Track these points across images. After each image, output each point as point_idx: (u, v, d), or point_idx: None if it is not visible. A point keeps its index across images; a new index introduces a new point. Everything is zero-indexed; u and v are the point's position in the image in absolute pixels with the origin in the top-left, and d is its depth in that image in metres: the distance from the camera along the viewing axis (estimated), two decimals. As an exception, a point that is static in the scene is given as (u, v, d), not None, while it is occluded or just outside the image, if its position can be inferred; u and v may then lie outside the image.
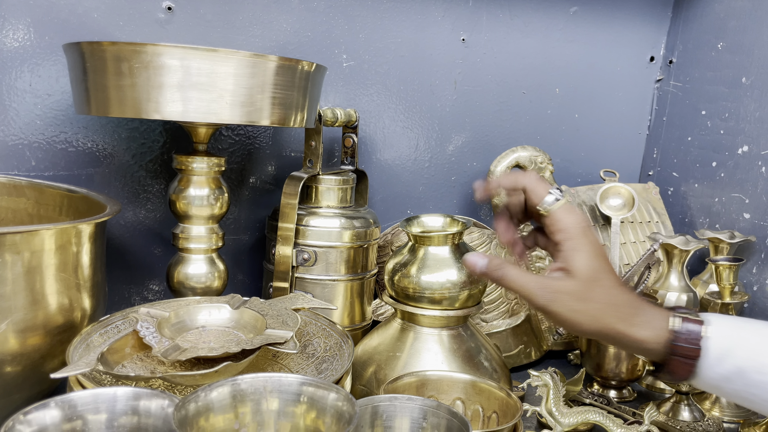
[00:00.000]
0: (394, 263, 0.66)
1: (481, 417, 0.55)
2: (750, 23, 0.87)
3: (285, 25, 0.78)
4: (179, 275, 0.65)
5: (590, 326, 0.49)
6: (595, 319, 0.49)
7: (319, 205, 0.73)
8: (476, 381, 0.55)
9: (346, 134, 0.79)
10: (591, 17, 0.95)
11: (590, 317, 0.49)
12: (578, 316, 0.49)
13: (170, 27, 0.73)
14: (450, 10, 0.87)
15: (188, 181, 0.64)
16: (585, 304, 0.49)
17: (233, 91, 0.56)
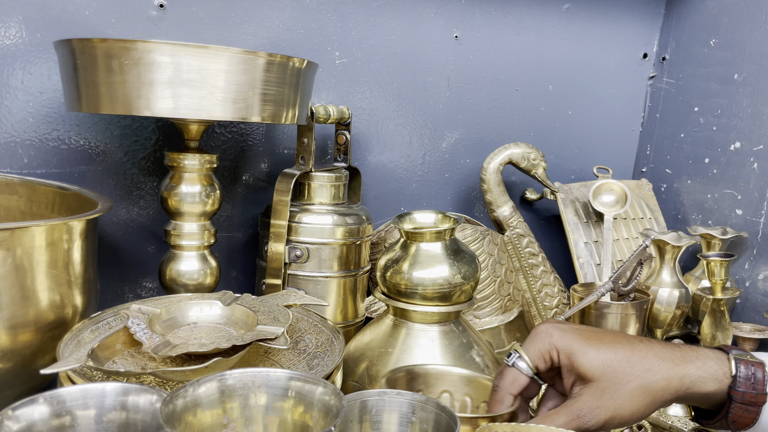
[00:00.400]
0: (386, 260, 0.66)
1: (469, 408, 0.55)
2: (742, 19, 0.87)
3: (277, 23, 0.78)
4: (171, 272, 0.65)
5: (647, 404, 0.46)
6: (646, 392, 0.46)
7: (311, 202, 0.73)
8: (467, 374, 0.55)
9: (339, 131, 0.79)
10: (584, 14, 0.95)
11: (639, 397, 0.46)
12: (628, 403, 0.46)
13: (162, 24, 0.73)
14: (443, 7, 0.87)
15: (180, 178, 0.64)
16: (623, 388, 0.46)
17: (224, 88, 0.56)
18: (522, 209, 0.99)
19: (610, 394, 0.46)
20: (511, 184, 0.97)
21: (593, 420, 0.45)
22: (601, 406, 0.46)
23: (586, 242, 0.90)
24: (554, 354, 0.49)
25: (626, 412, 0.46)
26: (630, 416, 0.46)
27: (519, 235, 0.88)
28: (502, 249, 0.87)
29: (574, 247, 0.90)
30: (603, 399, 0.46)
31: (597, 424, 0.45)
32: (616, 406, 0.45)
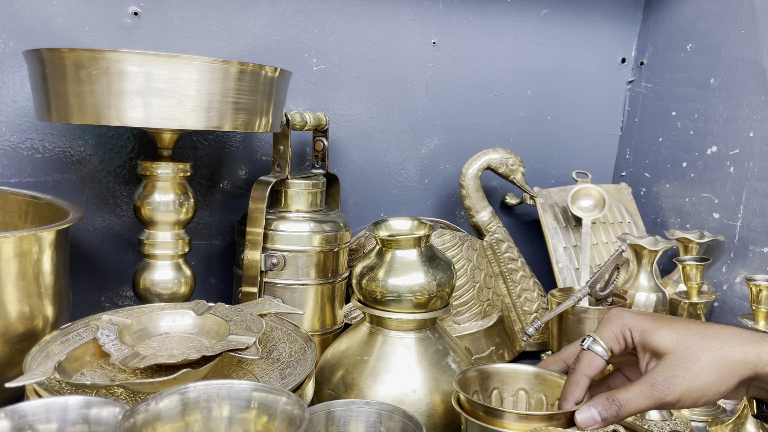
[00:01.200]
0: (361, 267, 0.66)
1: (544, 405, 0.56)
2: (718, 25, 0.88)
3: (254, 30, 0.78)
4: (145, 282, 0.65)
5: (724, 376, 0.45)
6: (722, 364, 0.45)
7: (288, 210, 0.73)
8: (539, 372, 0.57)
9: (317, 138, 0.79)
10: (561, 20, 0.95)
11: (716, 369, 0.45)
12: (704, 374, 0.45)
13: (137, 32, 0.73)
14: (420, 13, 0.87)
15: (153, 187, 0.64)
16: (699, 359, 0.45)
17: (195, 97, 0.56)
18: (501, 214, 0.99)
19: (685, 364, 0.45)
20: (491, 189, 0.97)
21: (668, 390, 0.45)
22: (676, 376, 0.45)
23: (565, 247, 0.91)
24: (627, 334, 0.49)
25: (703, 383, 0.45)
26: (707, 388, 0.45)
27: (498, 240, 0.88)
28: (482, 254, 0.87)
29: (553, 251, 0.90)
30: (678, 369, 0.45)
31: (673, 395, 0.45)
32: (692, 375, 0.45)
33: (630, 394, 0.46)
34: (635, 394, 0.46)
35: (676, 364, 0.45)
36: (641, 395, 0.45)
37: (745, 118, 0.84)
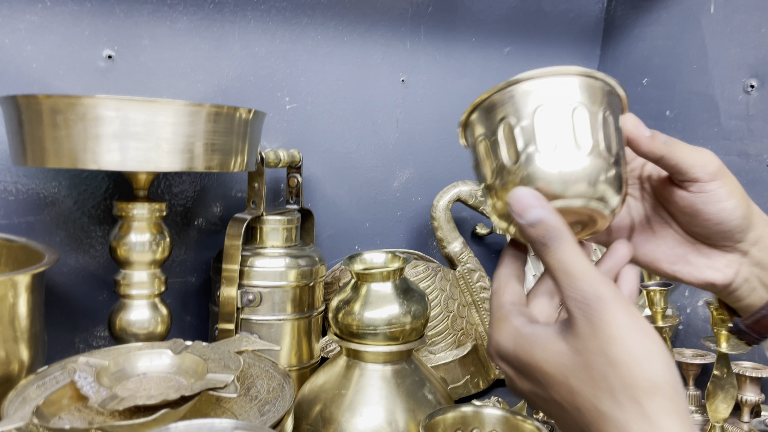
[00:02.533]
0: (337, 301, 0.68)
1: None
2: (671, 60, 0.92)
3: (227, 71, 0.80)
4: (121, 322, 0.65)
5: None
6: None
7: (263, 246, 0.74)
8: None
9: (291, 174, 0.81)
10: (524, 56, 0.99)
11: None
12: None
13: (111, 75, 0.74)
14: (389, 53, 0.90)
15: (129, 228, 0.64)
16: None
17: (171, 140, 0.57)
18: (473, 244, 1.01)
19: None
20: (462, 220, 1.00)
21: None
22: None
23: (534, 275, 0.93)
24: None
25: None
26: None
27: (470, 270, 0.90)
28: (454, 284, 0.89)
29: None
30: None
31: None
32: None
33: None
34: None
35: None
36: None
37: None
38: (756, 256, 0.44)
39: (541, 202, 0.36)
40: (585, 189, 0.38)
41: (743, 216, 0.42)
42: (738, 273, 0.45)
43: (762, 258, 0.44)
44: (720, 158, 0.82)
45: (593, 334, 0.33)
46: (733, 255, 0.45)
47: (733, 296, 0.46)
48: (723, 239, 0.44)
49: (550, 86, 0.39)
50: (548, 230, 0.36)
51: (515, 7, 0.98)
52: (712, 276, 0.45)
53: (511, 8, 0.98)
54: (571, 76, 0.39)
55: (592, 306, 0.33)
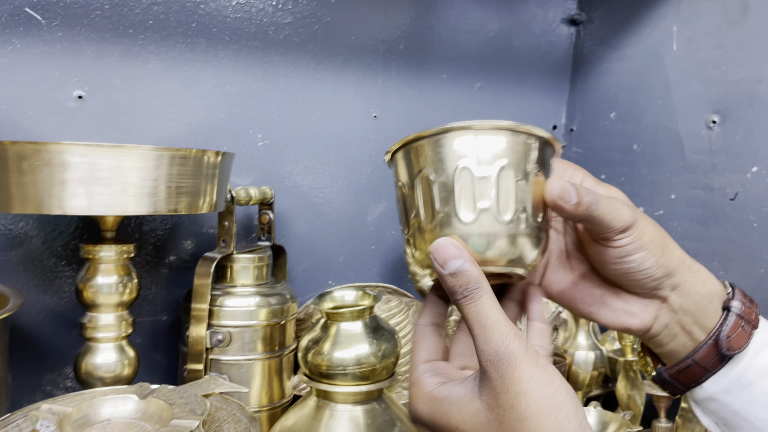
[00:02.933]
0: (307, 340, 0.68)
1: None
2: (637, 95, 0.95)
3: (198, 109, 0.81)
4: (87, 366, 0.64)
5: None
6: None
7: (234, 285, 0.74)
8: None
9: (263, 211, 0.81)
10: (494, 91, 1.01)
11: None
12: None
13: (81, 115, 0.74)
14: (361, 89, 0.91)
15: (96, 270, 0.64)
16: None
17: (138, 184, 0.57)
18: (447, 277, 1.02)
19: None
20: (436, 253, 1.00)
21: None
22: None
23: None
24: None
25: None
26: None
27: (443, 304, 0.90)
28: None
29: (496, 313, 0.93)
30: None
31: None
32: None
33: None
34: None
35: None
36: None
37: (666, 181, 0.89)
38: (675, 302, 0.44)
39: (461, 252, 0.37)
40: (501, 252, 0.38)
41: (656, 266, 0.42)
42: (657, 319, 0.44)
43: (683, 304, 0.43)
44: (685, 192, 0.83)
45: (504, 389, 0.34)
46: (651, 300, 0.44)
47: (654, 342, 0.45)
48: (635, 287, 0.44)
49: (476, 142, 0.38)
50: (468, 282, 0.36)
51: (485, 44, 1.00)
52: (628, 321, 0.44)
53: (481, 45, 0.99)
54: (501, 133, 0.38)
55: (502, 360, 0.34)
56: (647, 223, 0.42)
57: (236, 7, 0.82)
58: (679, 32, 0.88)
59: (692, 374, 0.43)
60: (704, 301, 0.43)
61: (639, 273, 0.42)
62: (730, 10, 0.81)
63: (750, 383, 0.42)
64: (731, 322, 0.42)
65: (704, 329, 0.43)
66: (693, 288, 0.43)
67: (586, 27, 1.05)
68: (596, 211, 0.39)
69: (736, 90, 0.80)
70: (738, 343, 0.42)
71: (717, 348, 0.42)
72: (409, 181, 0.40)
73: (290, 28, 0.85)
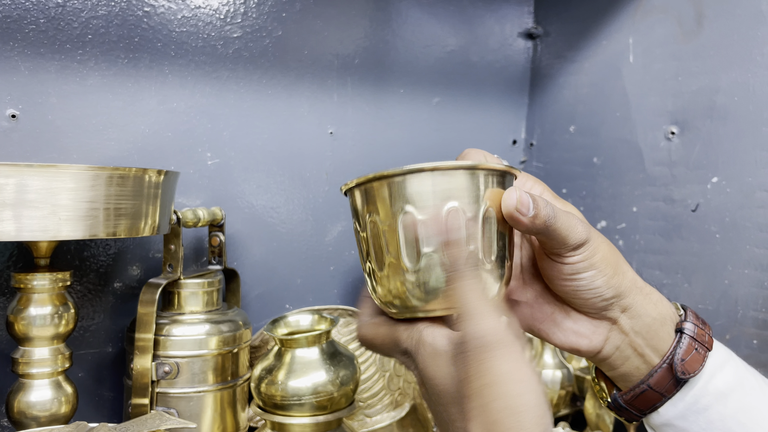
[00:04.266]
0: (260, 370, 0.64)
1: None
2: (596, 108, 0.94)
3: (143, 127, 0.77)
4: (20, 404, 0.59)
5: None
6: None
7: (182, 312, 0.70)
8: None
9: (213, 233, 0.77)
10: (453, 106, 0.99)
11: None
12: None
13: (15, 135, 0.70)
14: (315, 105, 0.88)
15: (28, 300, 0.59)
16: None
17: (71, 206, 0.53)
18: (410, 297, 0.99)
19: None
20: (398, 273, 0.97)
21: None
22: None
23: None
24: None
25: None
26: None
27: (406, 325, 0.87)
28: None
29: (461, 333, 0.90)
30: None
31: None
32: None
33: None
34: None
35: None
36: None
37: (627, 194, 0.88)
38: (626, 324, 0.43)
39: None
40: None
41: (606, 286, 0.41)
42: (607, 341, 0.43)
43: (633, 326, 0.43)
44: (646, 204, 0.82)
45: (476, 375, 0.34)
46: (601, 322, 0.43)
47: (606, 364, 0.44)
48: (584, 306, 0.43)
49: (432, 184, 0.37)
50: (462, 256, 0.37)
51: (443, 58, 0.98)
52: (577, 342, 0.43)
53: (438, 59, 0.98)
54: (459, 173, 0.37)
55: (482, 347, 0.34)
56: (601, 242, 0.41)
57: (182, 21, 0.78)
58: (635, 44, 0.88)
59: (647, 399, 0.42)
60: (656, 323, 0.43)
61: (588, 292, 0.41)
62: (684, 21, 0.81)
63: (706, 408, 0.41)
64: (685, 345, 0.42)
65: (658, 352, 0.42)
66: (644, 310, 0.43)
67: (543, 41, 1.04)
68: (554, 225, 0.38)
69: (693, 101, 0.80)
70: (692, 366, 0.41)
71: (672, 372, 0.42)
72: (362, 223, 0.40)
73: (240, 43, 0.82)
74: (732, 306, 0.75)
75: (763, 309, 0.72)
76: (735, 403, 0.41)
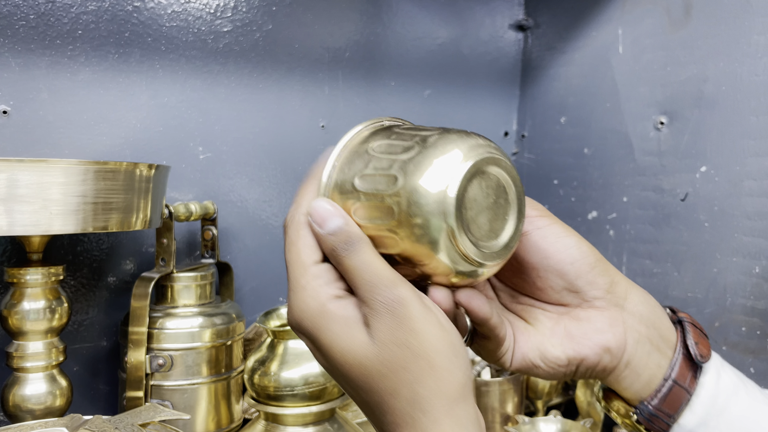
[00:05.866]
0: (253, 361, 0.64)
1: None
2: (586, 99, 0.94)
3: (134, 122, 0.77)
4: (15, 398, 0.60)
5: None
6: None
7: (175, 305, 0.70)
8: None
9: (205, 227, 0.78)
10: (444, 99, 1.00)
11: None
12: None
13: (6, 131, 0.70)
14: (307, 98, 0.89)
15: (21, 295, 0.60)
16: None
17: (62, 201, 0.53)
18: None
19: None
20: (391, 265, 0.98)
21: None
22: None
23: (465, 318, 0.92)
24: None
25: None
26: None
27: (399, 316, 0.88)
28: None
29: (454, 323, 0.90)
30: None
31: None
32: None
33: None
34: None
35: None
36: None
37: (618, 184, 0.89)
38: (634, 311, 0.41)
39: (339, 211, 0.36)
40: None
41: (591, 253, 0.40)
42: (626, 332, 0.40)
43: (642, 314, 0.41)
44: (637, 194, 0.83)
45: (398, 326, 0.33)
46: (611, 312, 0.40)
47: (630, 370, 0.40)
48: (588, 285, 0.40)
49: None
50: (348, 237, 0.35)
51: (434, 51, 0.99)
52: (604, 339, 0.40)
53: (429, 52, 0.98)
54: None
55: (394, 305, 0.34)
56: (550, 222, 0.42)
57: (172, 16, 0.78)
58: (624, 35, 0.88)
59: (675, 398, 0.40)
60: (658, 311, 0.41)
61: (582, 260, 0.40)
62: (673, 12, 0.81)
63: (723, 408, 0.40)
64: (691, 330, 0.41)
65: (669, 343, 0.41)
66: (643, 298, 0.41)
67: (534, 32, 1.05)
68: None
69: (682, 90, 0.80)
70: (704, 350, 0.40)
71: (689, 359, 0.40)
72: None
73: (230, 37, 0.82)
74: (721, 294, 0.76)
75: (751, 296, 0.73)
76: (744, 402, 0.40)
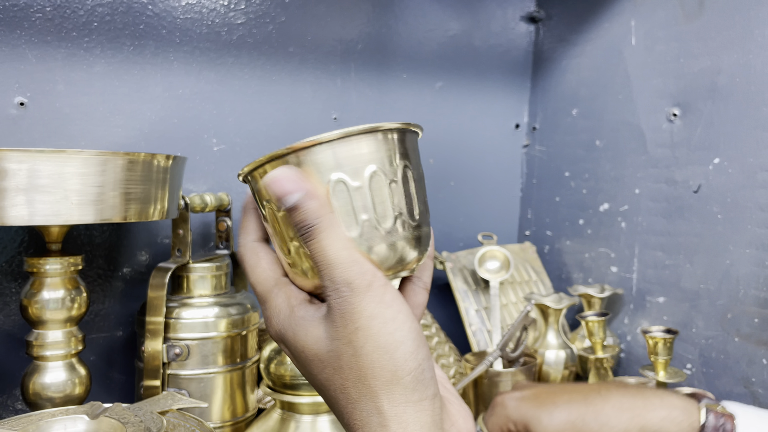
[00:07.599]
0: (269, 351, 0.65)
1: None
2: (598, 91, 0.94)
3: (149, 114, 0.77)
4: (35, 386, 0.61)
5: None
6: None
7: (191, 295, 0.71)
8: None
9: (220, 218, 0.78)
10: (456, 91, 1.00)
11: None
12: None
13: (23, 123, 0.71)
14: (319, 91, 0.89)
15: (41, 284, 0.60)
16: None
17: (81, 191, 0.54)
18: (415, 280, 1.00)
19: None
20: (402, 256, 0.98)
21: None
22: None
23: (477, 309, 0.92)
24: (512, 426, 0.49)
25: None
26: None
27: (411, 307, 0.89)
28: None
29: (465, 315, 0.91)
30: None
31: None
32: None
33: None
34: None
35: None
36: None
37: (630, 176, 0.89)
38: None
39: (299, 184, 0.34)
40: (381, 260, 0.36)
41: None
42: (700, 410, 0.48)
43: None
44: (649, 186, 0.83)
45: (344, 324, 0.34)
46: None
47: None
48: None
49: (335, 154, 0.36)
50: (305, 218, 0.34)
51: (445, 43, 0.99)
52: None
53: (441, 44, 0.98)
54: (360, 137, 0.36)
55: (343, 294, 0.34)
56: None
57: (186, 8, 0.79)
58: (637, 26, 0.88)
59: None
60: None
61: None
62: (686, 3, 0.81)
63: None
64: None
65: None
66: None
67: (545, 24, 1.05)
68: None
69: (695, 82, 0.80)
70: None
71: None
72: (262, 202, 0.38)
73: (243, 29, 0.83)
74: (733, 285, 0.76)
75: (764, 288, 0.73)
76: None
